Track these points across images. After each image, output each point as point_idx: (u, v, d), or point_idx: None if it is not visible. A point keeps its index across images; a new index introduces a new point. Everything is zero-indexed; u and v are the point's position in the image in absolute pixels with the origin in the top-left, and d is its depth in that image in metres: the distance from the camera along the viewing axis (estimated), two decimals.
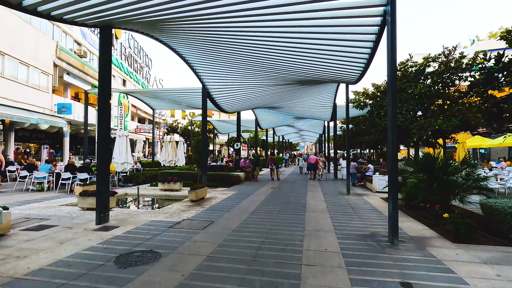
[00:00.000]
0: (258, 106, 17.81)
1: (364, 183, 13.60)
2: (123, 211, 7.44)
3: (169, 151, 18.37)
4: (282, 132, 38.10)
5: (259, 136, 47.93)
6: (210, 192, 11.04)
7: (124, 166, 13.06)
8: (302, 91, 14.30)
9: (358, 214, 7.41)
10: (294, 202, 9.07)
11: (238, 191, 11.60)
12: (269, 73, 11.24)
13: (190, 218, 6.75)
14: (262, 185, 13.82)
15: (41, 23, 17.05)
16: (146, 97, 17.21)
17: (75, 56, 19.99)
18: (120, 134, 13.26)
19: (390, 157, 5.01)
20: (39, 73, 16.55)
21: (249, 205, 8.42)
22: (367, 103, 16.13)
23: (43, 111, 16.85)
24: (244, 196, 10.26)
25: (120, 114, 27.36)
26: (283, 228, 5.93)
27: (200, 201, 9.00)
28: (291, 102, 16.54)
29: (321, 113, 19.65)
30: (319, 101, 16.70)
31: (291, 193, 11.05)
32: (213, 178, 13.65)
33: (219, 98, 14.02)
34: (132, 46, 36.47)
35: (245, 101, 15.29)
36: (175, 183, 11.36)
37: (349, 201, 9.41)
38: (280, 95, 14.61)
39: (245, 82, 12.39)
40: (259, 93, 13.98)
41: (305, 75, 10.86)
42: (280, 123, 27.10)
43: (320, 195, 10.55)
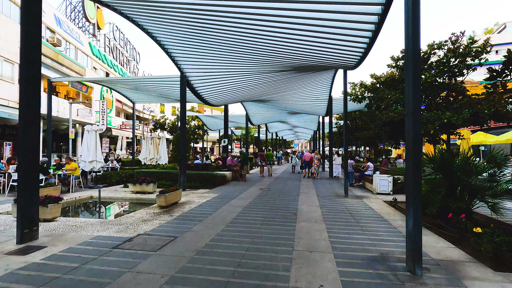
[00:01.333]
0: (248, 99, 16.35)
1: (363, 183, 12.27)
2: (67, 223, 5.94)
3: (150, 148, 16.84)
4: (275, 128, 36.73)
5: (252, 133, 46.53)
6: (188, 195, 9.57)
7: (92, 165, 11.50)
8: (296, 82, 12.89)
9: (361, 224, 6.03)
10: (284, 208, 7.66)
11: (221, 193, 10.16)
12: (259, 59, 9.80)
13: (149, 232, 5.29)
14: (250, 185, 12.40)
15: (3, 4, 15.29)
16: (124, 90, 15.62)
17: (47, 44, 18.21)
18: (88, 129, 11.68)
19: (410, 149, 3.59)
20: (1, 61, 14.82)
21: (229, 213, 6.99)
22: (365, 96, 14.81)
23: (7, 103, 15.14)
24: (226, 199, 8.82)
25: (102, 109, 25.63)
26: (266, 248, 4.51)
27: (171, 207, 7.53)
28: (284, 94, 15.12)
29: (316, 107, 18.28)
30: (313, 94, 15.31)
31: (281, 196, 9.64)
32: (195, 178, 12.18)
33: (202, 89, 12.52)
34: (118, 38, 34.59)
35: (232, 93, 13.82)
36: (147, 185, 9.87)
37: (348, 205, 8.04)
38: (272, 86, 13.17)
39: (232, 71, 10.93)
40: (249, 83, 12.53)
41: (300, 60, 9.44)
42: (272, 118, 25.69)
43: (314, 198, 9.16)
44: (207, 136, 48.08)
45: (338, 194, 10.14)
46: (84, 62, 24.57)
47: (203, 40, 8.81)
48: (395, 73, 13.76)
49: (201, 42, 8.98)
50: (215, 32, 8.07)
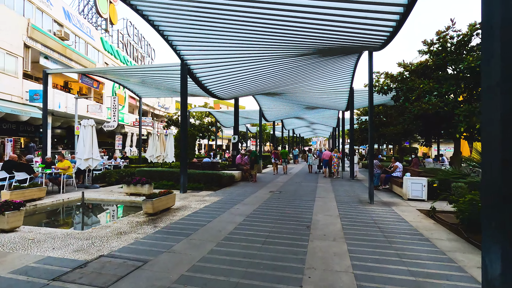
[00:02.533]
0: (260, 92, 15.00)
1: (390, 186, 10.63)
2: (27, 235, 4.88)
3: (157, 145, 15.90)
4: (292, 125, 35.14)
5: (267, 130, 45.16)
6: (186, 199, 8.38)
7: (88, 163, 10.59)
8: (314, 71, 11.41)
9: (394, 245, 4.56)
10: (295, 218, 6.29)
11: (224, 196, 8.91)
12: (272, 43, 8.46)
13: (115, 252, 4.10)
14: (259, 187, 11.08)
15: None
16: (128, 83, 14.72)
17: (54, 37, 17.69)
18: (85, 124, 10.79)
19: (496, 138, 2.12)
20: (4, 54, 14.29)
21: (226, 224, 5.71)
22: (392, 86, 13.07)
23: (10, 98, 14.64)
24: (229, 205, 7.56)
25: (113, 105, 25.12)
26: (263, 285, 3.18)
27: (161, 215, 6.35)
28: (301, 85, 13.65)
29: (335, 101, 16.65)
30: (333, 85, 13.73)
31: (294, 201, 8.25)
32: (199, 178, 11.01)
33: (207, 79, 11.30)
34: (131, 34, 34.19)
35: (242, 84, 12.52)
36: (142, 186, 8.78)
37: (374, 215, 6.54)
38: (287, 75, 11.76)
39: (242, 58, 9.65)
40: (261, 73, 11.18)
41: (319, 42, 8.00)
42: (288, 114, 24.18)
43: (333, 205, 7.71)
44: (222, 134, 47.23)
45: (362, 199, 8.62)
46: (95, 57, 24.10)
47: (207, 23, 7.57)
48: (428, 60, 11.97)
49: (204, 25, 7.75)
50: (220, 14, 6.82)
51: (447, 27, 10.70)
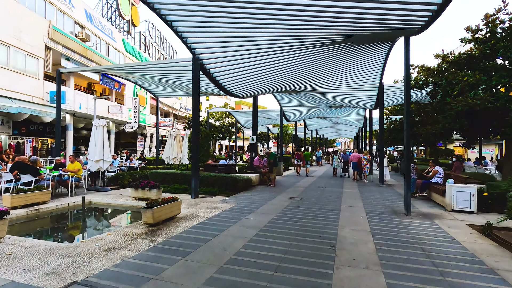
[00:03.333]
0: (281, 89, 14.04)
1: (428, 193, 9.27)
2: (6, 248, 4.28)
3: (173, 146, 15.42)
4: (315, 125, 33.76)
5: (290, 131, 43.96)
6: (196, 205, 7.62)
7: (99, 165, 10.19)
8: (339, 65, 10.32)
9: (450, 280, 3.46)
10: (317, 232, 5.29)
11: (238, 202, 8.06)
12: (294, 33, 7.53)
13: (92, 277, 3.35)
14: (278, 192, 10.12)
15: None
16: (147, 84, 14.34)
17: (75, 39, 17.79)
18: (96, 124, 10.40)
19: None
20: (25, 56, 14.41)
21: (235, 239, 4.83)
22: (428, 81, 11.64)
23: (31, 99, 14.74)
24: (242, 214, 6.69)
25: (134, 106, 25.20)
26: None
27: (163, 225, 5.60)
28: (324, 82, 12.54)
29: (363, 98, 15.33)
30: (360, 81, 12.50)
31: (316, 210, 7.23)
32: (213, 182, 10.27)
33: (222, 76, 10.53)
34: (153, 36, 34.44)
35: (260, 81, 11.64)
36: (150, 190, 8.13)
37: (415, 232, 5.39)
38: (310, 71, 10.74)
39: (260, 52, 8.81)
40: (281, 68, 10.27)
41: (347, 29, 6.97)
42: (311, 114, 22.98)
43: (362, 216, 6.61)
44: (243, 134, 46.63)
45: (396, 209, 7.42)
46: (116, 58, 24.27)
47: (219, 13, 6.81)
48: (472, 49, 10.46)
49: (216, 15, 6.99)
50: (237, 4, 6.02)
51: (498, 9, 9.20)
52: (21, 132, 19.45)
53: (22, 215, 6.82)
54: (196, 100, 8.95)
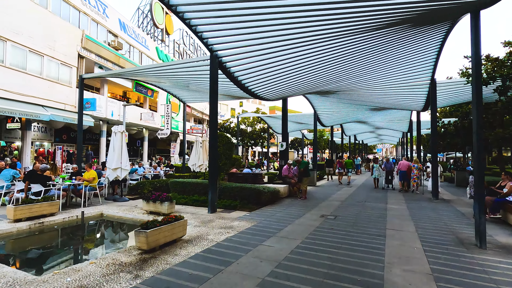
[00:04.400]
0: (314, 90, 12.65)
1: (504, 214, 7.25)
2: None
3: (199, 153, 14.75)
4: (353, 130, 31.45)
5: (326, 137, 41.80)
6: (210, 223, 6.56)
7: (116, 173, 9.66)
8: (381, 59, 8.76)
9: None
10: (354, 272, 3.90)
11: (259, 221, 6.86)
12: (329, 18, 6.29)
13: None
14: (309, 207, 8.72)
15: (63, 9, 15.36)
16: (173, 89, 13.86)
17: (107, 47, 18.11)
18: (115, 130, 9.95)
19: None
20: (58, 64, 14.76)
21: (243, 279, 3.65)
22: (496, 74, 9.56)
23: (64, 107, 15.03)
24: (260, 237, 5.48)
25: (166, 112, 25.31)
26: None
27: (159, 252, 4.60)
28: (363, 80, 10.96)
29: (409, 99, 13.35)
30: (406, 77, 10.69)
31: (354, 235, 5.77)
32: (235, 194, 9.21)
33: (245, 76, 9.50)
34: (187, 43, 34.88)
35: (290, 81, 10.41)
36: (161, 203, 7.27)
37: (498, 280, 3.75)
38: (347, 67, 9.31)
39: (288, 46, 7.67)
40: (313, 65, 8.99)
41: (397, 8, 5.55)
42: (348, 118, 21.08)
43: (417, 248, 5.03)
44: (277, 140, 45.36)
45: (462, 238, 5.67)
46: None
47: (238, 4, 5.83)
48: None
49: (235, 8, 6.02)
50: None
51: None
52: (62, 139, 20.25)
53: (23, 229, 6.30)
54: (214, 103, 7.98)
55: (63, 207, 8.26)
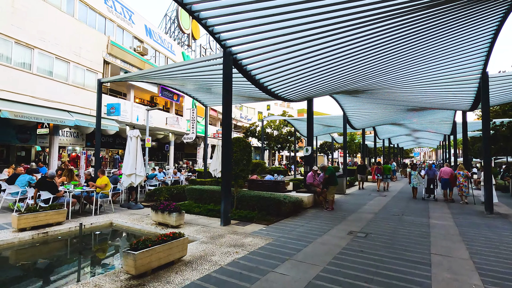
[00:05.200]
0: (342, 89, 11.55)
1: None
2: None
3: (220, 158, 14.15)
4: (387, 133, 29.35)
5: (357, 140, 39.68)
6: (220, 238, 5.80)
7: (130, 180, 9.31)
8: (420, 48, 7.55)
9: None
10: None
11: (276, 237, 5.98)
12: (360, 6, 5.38)
13: None
14: (336, 220, 7.66)
15: (89, 16, 15.69)
16: (194, 92, 13.47)
17: (132, 53, 18.33)
18: (131, 135, 9.63)
19: None
20: (84, 70, 15.05)
21: None
22: None
23: (89, 112, 15.25)
24: (273, 260, 4.62)
25: (192, 117, 25.30)
26: None
27: (151, 277, 3.91)
28: (399, 76, 9.70)
29: (453, 97, 11.74)
30: (450, 72, 9.26)
31: (390, 262, 4.69)
32: (253, 204, 8.41)
33: (264, 75, 8.71)
34: (214, 48, 34.97)
35: (315, 79, 9.47)
36: (169, 214, 6.66)
37: None
38: (379, 61, 8.19)
39: (311, 39, 6.82)
40: (341, 58, 8.02)
41: None
42: (381, 120, 19.47)
43: (475, 286, 3.86)
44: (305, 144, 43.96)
45: None
46: None
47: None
48: None
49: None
50: None
51: None
52: (93, 144, 20.86)
53: (25, 239, 5.99)
54: (227, 104, 7.27)
55: (75, 214, 7.99)
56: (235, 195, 8.83)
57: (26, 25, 12.24)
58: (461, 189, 11.17)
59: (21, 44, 12.17)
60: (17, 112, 11.34)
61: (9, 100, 11.66)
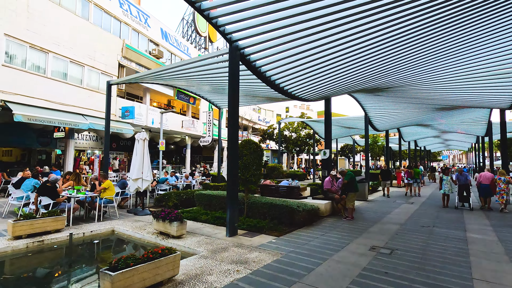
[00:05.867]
0: (363, 87, 10.66)
1: None
2: None
3: None
4: (413, 135, 27.66)
5: (380, 143, 37.90)
6: (223, 252, 5.17)
7: (137, 185, 8.95)
8: (448, 35, 6.59)
9: None
10: None
11: (287, 253, 5.26)
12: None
13: None
14: (356, 232, 6.81)
15: (104, 20, 15.74)
16: (208, 94, 13.05)
17: (148, 56, 18.27)
18: (138, 138, 9.30)
19: None
20: (98, 74, 15.06)
21: None
22: None
23: (104, 115, 15.19)
24: (279, 285, 3.93)
25: (208, 120, 25.01)
26: None
27: None
28: (425, 70, 8.70)
29: (490, 93, 10.49)
30: (487, 62, 8.15)
31: None
32: (264, 211, 7.75)
33: (274, 71, 8.04)
34: None
35: (331, 75, 8.68)
36: (171, 224, 6.12)
37: None
38: (404, 53, 7.31)
39: (328, 28, 6.14)
40: (364, 55, 7.23)
41: None
42: (406, 121, 18.15)
43: None
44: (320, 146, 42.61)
45: None
46: None
47: None
48: None
49: None
50: None
51: None
52: (112, 147, 21.04)
53: (19, 248, 5.65)
54: (234, 103, 6.67)
55: (78, 221, 7.68)
56: (246, 202, 8.20)
57: (41, 30, 12.34)
58: (502, 196, 10.02)
59: (36, 48, 12.28)
60: (30, 115, 11.37)
61: (24, 104, 11.75)
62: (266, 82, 8.27)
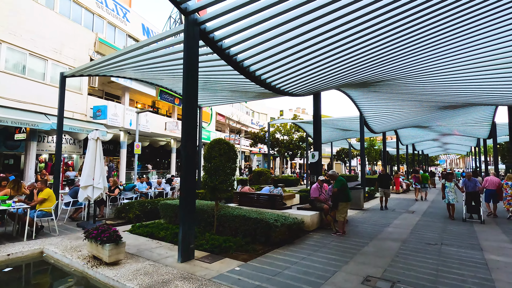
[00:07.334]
0: (357, 80, 9.32)
1: None
2: None
3: None
4: (411, 138, 26.41)
5: (377, 147, 36.67)
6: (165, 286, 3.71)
7: (86, 193, 7.47)
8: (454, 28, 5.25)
9: None
10: None
11: (252, 287, 3.83)
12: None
13: None
14: (347, 254, 5.38)
15: (73, 11, 14.35)
16: None
17: None
18: (90, 137, 7.88)
19: None
20: (66, 69, 13.59)
21: None
22: None
23: (72, 115, 13.75)
24: None
25: None
26: None
27: None
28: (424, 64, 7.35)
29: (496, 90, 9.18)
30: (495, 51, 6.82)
31: None
32: (235, 228, 6.32)
33: (244, 52, 6.66)
34: None
35: (322, 68, 7.32)
36: (103, 246, 4.65)
37: None
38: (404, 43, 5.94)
39: (314, 8, 4.75)
40: (357, 44, 5.89)
41: None
42: (405, 122, 16.85)
43: None
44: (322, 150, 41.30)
45: None
46: None
47: None
48: None
49: None
50: None
51: None
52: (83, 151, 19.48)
53: None
54: (190, 91, 5.27)
55: (1, 239, 6.18)
56: (215, 214, 6.77)
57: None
58: (508, 202, 9.02)
59: None
60: None
61: None
62: (239, 70, 6.90)
